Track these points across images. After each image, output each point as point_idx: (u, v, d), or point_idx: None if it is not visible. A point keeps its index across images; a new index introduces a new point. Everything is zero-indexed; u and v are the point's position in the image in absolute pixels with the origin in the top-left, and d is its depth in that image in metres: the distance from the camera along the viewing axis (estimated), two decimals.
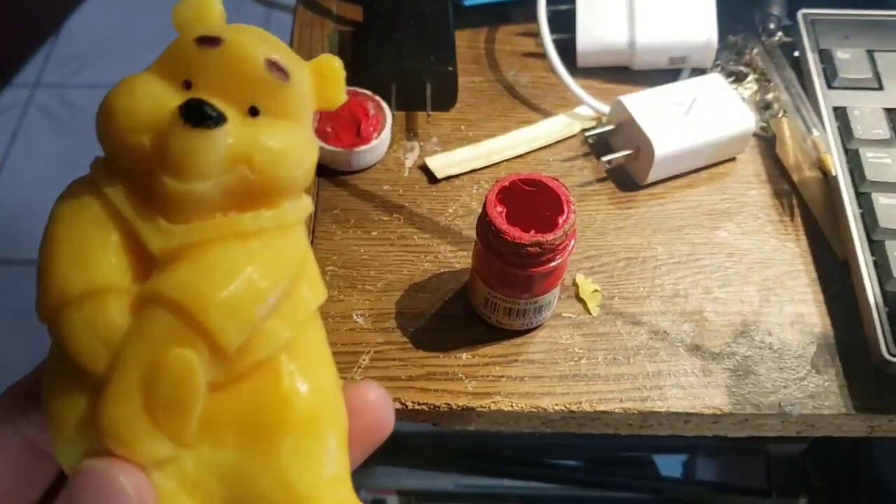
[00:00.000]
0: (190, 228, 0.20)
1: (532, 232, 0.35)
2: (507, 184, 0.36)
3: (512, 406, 0.38)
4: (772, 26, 0.52)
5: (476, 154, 0.48)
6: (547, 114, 0.50)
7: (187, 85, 0.20)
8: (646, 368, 0.40)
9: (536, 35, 0.51)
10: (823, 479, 0.65)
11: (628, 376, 0.39)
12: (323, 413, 0.22)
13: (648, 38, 0.50)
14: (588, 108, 0.49)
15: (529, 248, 0.35)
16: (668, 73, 0.52)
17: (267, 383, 0.21)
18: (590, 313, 0.42)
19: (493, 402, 0.38)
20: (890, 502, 0.61)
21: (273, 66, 0.20)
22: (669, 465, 0.66)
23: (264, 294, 0.20)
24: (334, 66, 0.22)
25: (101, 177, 0.21)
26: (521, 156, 0.48)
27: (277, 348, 0.21)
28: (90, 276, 0.20)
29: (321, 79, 0.22)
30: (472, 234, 0.39)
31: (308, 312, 0.22)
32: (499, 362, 0.40)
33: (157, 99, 0.20)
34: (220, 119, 0.19)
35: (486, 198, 0.36)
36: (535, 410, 0.38)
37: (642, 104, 0.46)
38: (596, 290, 0.42)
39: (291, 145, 0.21)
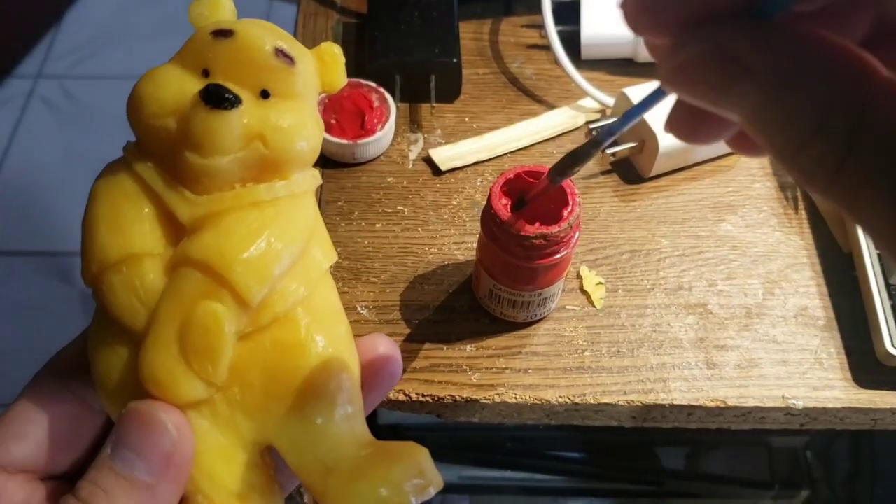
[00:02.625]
0: (213, 198, 0.22)
1: (537, 224, 0.35)
2: (511, 176, 0.36)
3: (516, 398, 0.38)
4: None
5: (480, 146, 0.48)
6: (551, 106, 0.50)
7: (205, 73, 0.23)
8: (649, 361, 0.40)
9: (541, 27, 0.50)
10: (825, 471, 0.65)
11: (632, 369, 0.39)
12: (336, 358, 0.24)
13: None
14: (592, 100, 0.49)
15: (534, 241, 0.35)
16: None
17: (286, 333, 0.23)
18: (594, 306, 0.42)
19: (497, 394, 0.38)
20: (891, 494, 0.61)
21: (280, 53, 0.23)
22: (672, 458, 0.66)
23: (280, 254, 0.22)
24: (334, 51, 0.25)
25: (133, 157, 0.23)
26: (525, 148, 0.48)
27: (294, 303, 0.23)
28: (127, 243, 0.22)
29: (323, 64, 0.25)
30: (477, 226, 0.39)
31: (320, 272, 0.24)
32: (503, 354, 0.40)
33: (179, 86, 0.22)
34: (236, 101, 0.22)
35: (491, 190, 0.36)
36: (539, 402, 0.38)
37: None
38: (600, 283, 0.42)
39: (299, 123, 0.23)
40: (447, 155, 0.47)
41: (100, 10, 1.52)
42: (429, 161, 0.47)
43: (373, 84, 0.48)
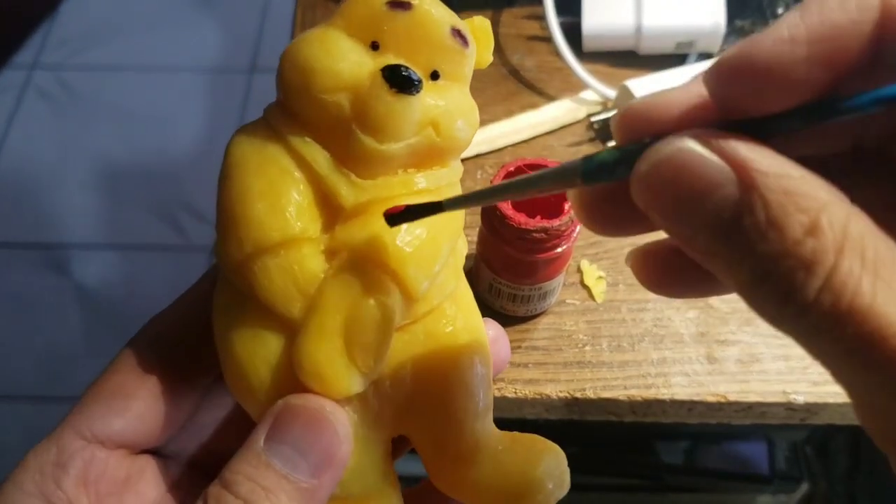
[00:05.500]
0: (378, 184, 0.21)
1: (538, 218, 0.35)
2: (512, 169, 0.36)
3: (516, 393, 0.38)
4: (780, 11, 0.51)
5: (480, 139, 0.47)
6: (552, 98, 0.50)
7: (374, 45, 0.21)
8: (650, 355, 0.40)
9: (542, 18, 0.50)
10: (824, 466, 0.65)
11: (633, 363, 0.39)
12: (481, 350, 0.23)
13: (655, 22, 0.50)
14: (594, 92, 0.49)
15: (535, 234, 0.35)
16: (674, 59, 0.51)
17: (438, 326, 0.23)
18: (594, 300, 0.41)
19: (498, 389, 0.38)
20: (889, 488, 0.61)
21: (457, 33, 0.21)
22: (671, 452, 0.66)
23: (442, 248, 0.22)
24: (486, 27, 0.23)
25: (285, 127, 0.21)
26: (525, 141, 0.48)
27: (447, 295, 0.23)
28: (287, 226, 0.21)
29: (474, 41, 0.23)
30: (477, 219, 0.39)
31: (462, 263, 0.24)
32: None
33: (353, 59, 0.21)
34: (420, 85, 0.20)
35: (492, 183, 0.36)
36: (539, 397, 0.38)
37: (649, 89, 0.46)
38: (600, 277, 0.42)
39: (469, 109, 0.22)
40: None
41: (95, 0, 1.51)
42: None
43: None
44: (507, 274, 0.38)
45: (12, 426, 1.05)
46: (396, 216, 0.21)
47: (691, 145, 0.15)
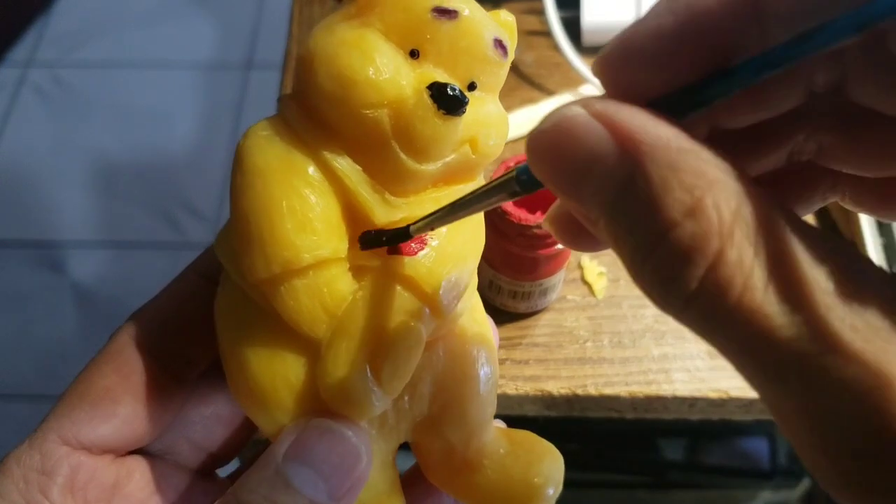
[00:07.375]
0: (410, 202, 0.21)
1: (538, 213, 0.35)
2: (511, 164, 0.36)
3: (517, 390, 0.38)
4: None
5: None
6: (551, 93, 0.50)
7: (413, 53, 0.20)
8: (651, 352, 0.39)
9: (542, 13, 0.50)
10: None
11: (634, 360, 0.39)
12: (492, 359, 0.23)
13: None
14: (594, 87, 0.49)
15: (536, 230, 0.34)
16: None
17: (456, 342, 0.23)
18: (595, 296, 0.41)
19: (498, 386, 0.38)
20: None
21: (499, 44, 0.21)
22: (672, 448, 0.66)
23: (469, 266, 0.21)
24: (511, 24, 0.23)
25: (310, 134, 0.20)
26: (524, 137, 0.47)
27: (466, 310, 0.23)
28: (318, 247, 0.20)
29: None
30: None
31: (476, 277, 0.23)
32: (503, 345, 0.39)
33: (394, 70, 0.19)
34: (466, 105, 0.20)
35: (492, 178, 0.35)
36: (540, 394, 0.38)
37: None
38: (601, 273, 0.42)
39: (502, 122, 0.22)
40: None
41: None
42: None
43: None
44: (508, 270, 0.37)
45: (7, 424, 1.04)
46: (369, 240, 0.20)
47: (576, 112, 0.14)
